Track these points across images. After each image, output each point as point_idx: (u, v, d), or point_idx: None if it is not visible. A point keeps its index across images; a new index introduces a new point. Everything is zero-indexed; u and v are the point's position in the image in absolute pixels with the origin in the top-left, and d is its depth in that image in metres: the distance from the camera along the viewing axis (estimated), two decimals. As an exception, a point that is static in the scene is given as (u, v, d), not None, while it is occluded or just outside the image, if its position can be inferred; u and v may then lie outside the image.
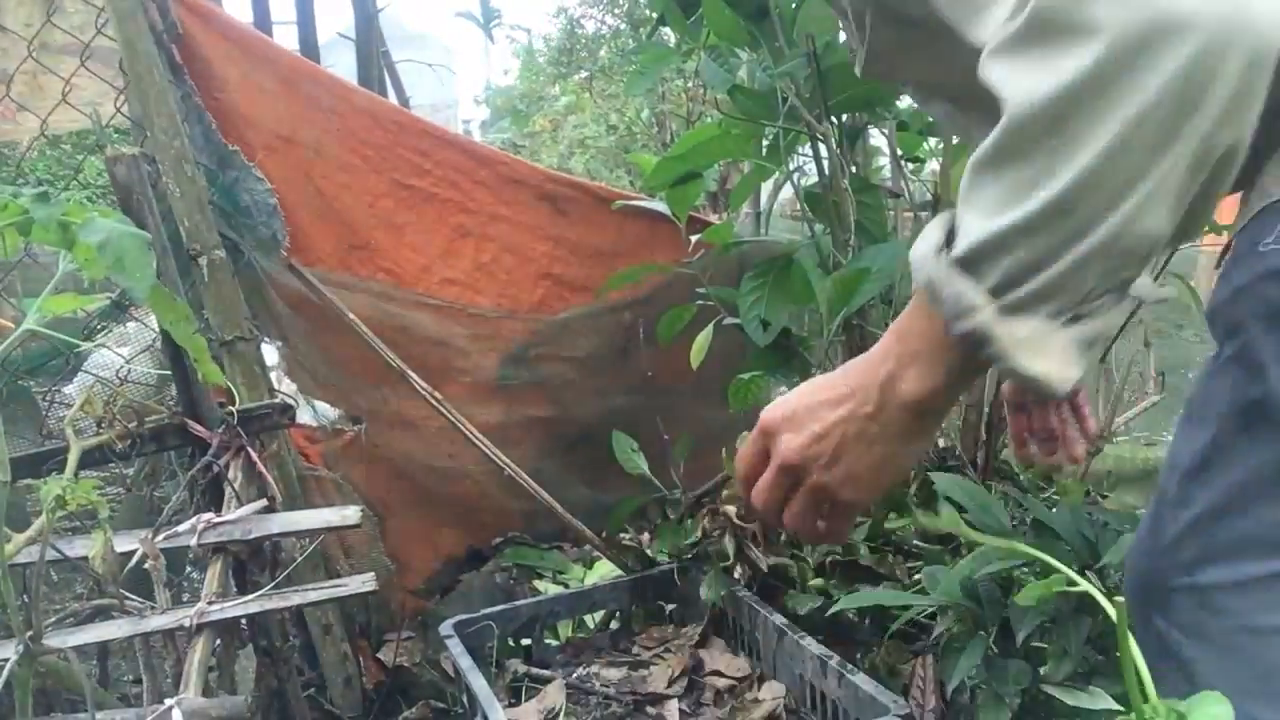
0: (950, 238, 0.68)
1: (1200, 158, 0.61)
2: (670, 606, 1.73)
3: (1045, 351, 0.66)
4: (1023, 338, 0.65)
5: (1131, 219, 0.61)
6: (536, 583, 1.98)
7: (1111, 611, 0.45)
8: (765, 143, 1.93)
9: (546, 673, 1.56)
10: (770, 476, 0.80)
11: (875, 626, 1.52)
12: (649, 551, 1.75)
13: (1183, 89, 0.58)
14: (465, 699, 1.46)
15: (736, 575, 1.57)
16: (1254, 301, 0.72)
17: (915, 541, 1.61)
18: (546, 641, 1.67)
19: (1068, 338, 0.66)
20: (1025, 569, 1.22)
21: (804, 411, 0.77)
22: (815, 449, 0.76)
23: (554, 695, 1.48)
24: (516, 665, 1.57)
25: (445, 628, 1.53)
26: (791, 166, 2.00)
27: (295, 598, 1.16)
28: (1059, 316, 0.66)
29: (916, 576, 1.47)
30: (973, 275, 0.66)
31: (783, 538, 1.60)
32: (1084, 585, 0.50)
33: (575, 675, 1.55)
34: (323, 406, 1.94)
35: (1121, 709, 0.48)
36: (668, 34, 2.14)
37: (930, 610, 1.37)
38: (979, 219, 0.65)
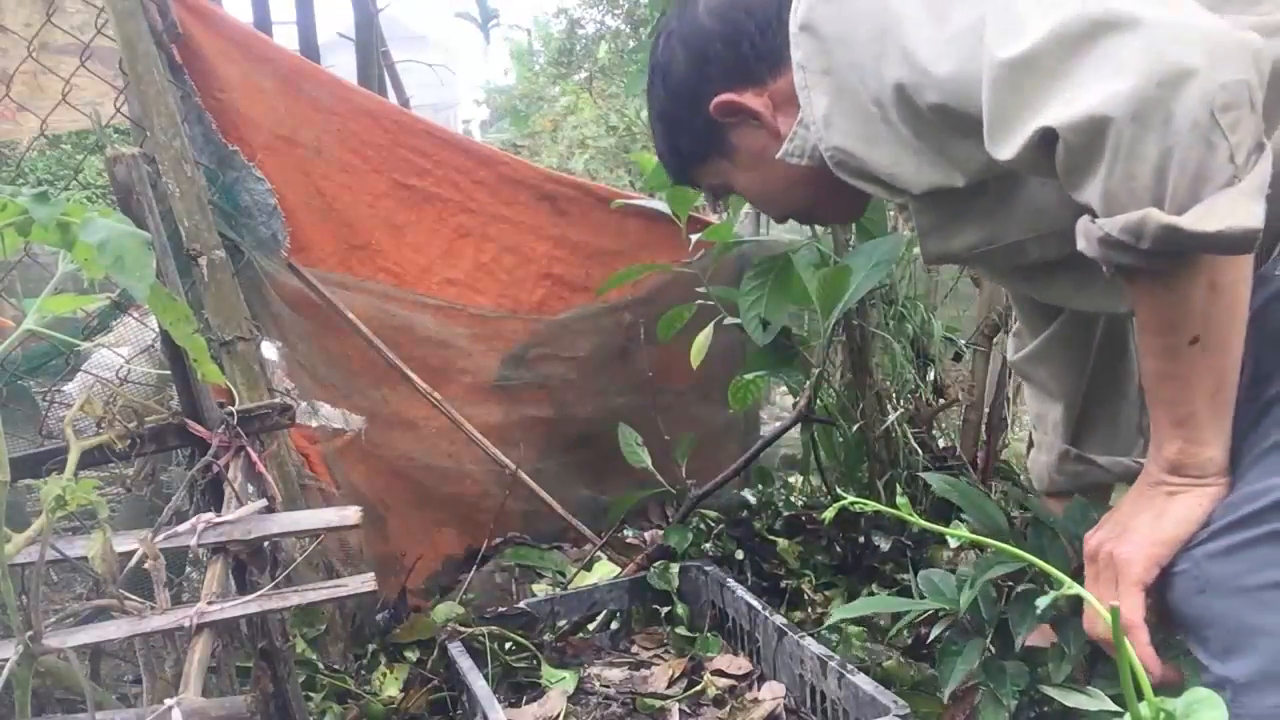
0: None
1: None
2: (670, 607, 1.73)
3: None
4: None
5: None
6: (536, 584, 1.97)
7: (1106, 615, 0.45)
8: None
9: (546, 673, 1.56)
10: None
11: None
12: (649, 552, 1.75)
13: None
14: (465, 699, 1.46)
15: None
16: (1261, 322, 0.86)
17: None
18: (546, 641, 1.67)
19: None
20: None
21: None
22: None
23: (554, 696, 1.48)
24: (517, 665, 1.57)
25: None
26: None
27: (295, 598, 1.16)
28: None
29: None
30: None
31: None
32: (1077, 589, 0.50)
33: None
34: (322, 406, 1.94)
35: (1120, 710, 0.49)
36: (668, 34, 2.13)
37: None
38: None
